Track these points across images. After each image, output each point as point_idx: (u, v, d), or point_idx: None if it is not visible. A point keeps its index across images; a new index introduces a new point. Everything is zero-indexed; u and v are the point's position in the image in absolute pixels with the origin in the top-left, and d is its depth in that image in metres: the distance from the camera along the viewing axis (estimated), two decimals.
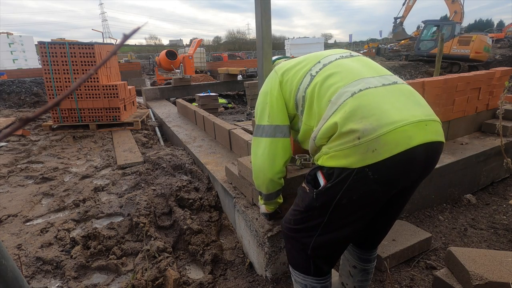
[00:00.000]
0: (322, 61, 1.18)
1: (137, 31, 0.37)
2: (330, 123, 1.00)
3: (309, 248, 1.14)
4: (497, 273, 1.38)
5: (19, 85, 8.03)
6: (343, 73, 1.09)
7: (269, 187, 1.38)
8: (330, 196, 1.02)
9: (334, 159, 0.99)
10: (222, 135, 3.43)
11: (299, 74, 1.21)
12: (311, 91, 1.13)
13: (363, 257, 1.35)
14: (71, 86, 0.42)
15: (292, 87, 1.22)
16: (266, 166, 1.30)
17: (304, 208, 1.12)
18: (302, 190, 1.15)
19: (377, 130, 0.90)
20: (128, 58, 22.12)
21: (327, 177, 1.03)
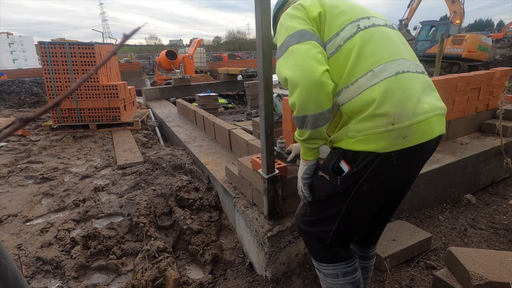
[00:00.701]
0: (372, 19, 1.06)
1: (137, 31, 0.37)
2: (368, 97, 0.94)
3: (328, 238, 1.13)
4: (497, 273, 1.38)
5: (19, 85, 8.03)
6: (390, 46, 1.01)
7: (318, 99, 0.98)
8: (354, 181, 1.01)
9: (363, 143, 0.96)
10: (222, 135, 3.43)
11: (344, 17, 1.05)
12: (351, 45, 1.00)
13: (363, 255, 1.36)
14: (71, 86, 0.42)
15: (333, 27, 1.04)
16: (308, 68, 0.97)
17: (325, 196, 1.09)
18: (320, 179, 1.10)
19: (411, 118, 0.92)
20: (128, 58, 22.11)
21: (351, 162, 1.00)
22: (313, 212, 1.15)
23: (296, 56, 1.00)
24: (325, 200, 1.11)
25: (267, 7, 1.33)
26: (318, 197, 1.13)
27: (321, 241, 1.15)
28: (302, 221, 1.20)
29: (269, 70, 1.45)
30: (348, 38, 1.01)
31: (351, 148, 0.99)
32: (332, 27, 1.04)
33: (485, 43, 13.06)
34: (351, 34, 1.01)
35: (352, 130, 0.98)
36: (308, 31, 1.03)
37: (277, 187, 1.68)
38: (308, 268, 1.82)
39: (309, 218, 1.16)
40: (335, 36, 1.03)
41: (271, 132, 1.53)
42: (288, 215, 1.81)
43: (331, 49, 1.03)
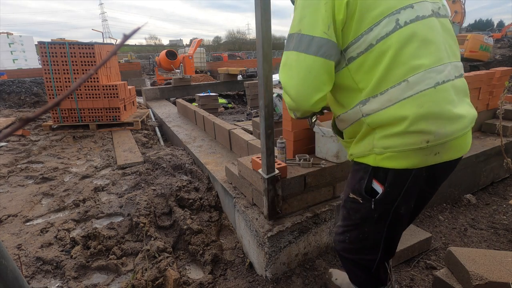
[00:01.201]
0: (416, 8, 0.85)
1: (137, 31, 0.37)
2: (398, 113, 0.82)
3: (374, 267, 1.05)
4: (497, 273, 1.38)
5: (19, 85, 8.03)
6: (432, 48, 0.84)
7: (305, 114, 1.03)
8: (389, 202, 0.92)
9: (392, 160, 0.87)
10: (222, 135, 3.43)
11: (380, 6, 0.84)
12: (385, 47, 0.83)
13: None
14: (71, 86, 0.42)
15: (365, 19, 0.85)
16: (306, 93, 0.90)
17: (360, 219, 0.99)
18: (352, 201, 0.99)
19: (448, 136, 0.84)
20: (128, 58, 22.10)
21: (382, 181, 0.91)
22: (353, 239, 1.04)
23: (298, 69, 0.90)
24: (361, 224, 1.00)
25: (267, 7, 1.33)
26: (354, 221, 1.02)
27: (367, 269, 1.07)
28: (342, 248, 1.09)
29: (269, 70, 1.45)
30: (382, 38, 0.83)
31: (379, 165, 0.90)
32: (364, 20, 0.84)
33: (486, 43, 13.09)
34: (386, 32, 0.83)
35: (379, 146, 0.88)
36: (320, 39, 0.86)
37: (277, 187, 1.68)
38: (308, 268, 1.82)
39: (349, 246, 1.06)
40: (367, 32, 0.84)
41: (271, 132, 1.53)
42: (288, 215, 1.81)
43: (359, 48, 0.86)
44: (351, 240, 1.04)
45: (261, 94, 1.47)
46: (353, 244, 1.04)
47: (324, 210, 1.87)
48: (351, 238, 1.04)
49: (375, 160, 0.90)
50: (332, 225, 1.93)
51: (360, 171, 0.96)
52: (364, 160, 0.94)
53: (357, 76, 0.89)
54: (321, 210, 1.86)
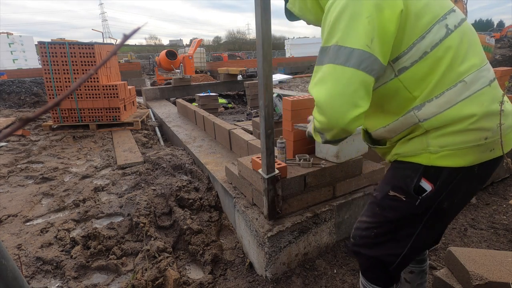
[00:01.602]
0: (457, 13, 0.87)
1: (137, 31, 0.37)
2: (464, 112, 0.81)
3: (395, 263, 1.01)
4: (497, 273, 1.38)
5: (19, 85, 8.03)
6: (478, 48, 0.87)
7: (339, 136, 0.94)
8: (435, 199, 0.91)
9: (449, 158, 0.85)
10: (222, 135, 3.43)
11: (428, 14, 0.84)
12: (441, 53, 0.83)
13: (420, 259, 1.27)
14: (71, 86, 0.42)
15: (416, 28, 0.83)
16: (343, 109, 0.84)
17: (399, 216, 0.96)
18: (392, 199, 0.96)
19: (504, 130, 0.85)
20: (128, 58, 22.11)
21: (433, 179, 0.89)
22: (379, 233, 1.01)
23: (335, 84, 0.84)
24: (396, 220, 0.97)
25: (267, 7, 1.33)
26: (387, 218, 0.99)
27: (385, 266, 1.03)
28: (363, 243, 1.05)
29: (269, 70, 1.46)
30: (436, 44, 0.83)
31: (434, 164, 0.87)
32: (416, 28, 0.83)
33: (488, 43, 13.08)
34: (440, 38, 0.83)
35: (434, 145, 0.87)
36: (362, 52, 0.81)
37: (277, 187, 1.68)
38: (308, 268, 1.82)
39: (373, 241, 1.02)
40: (419, 40, 0.83)
41: (271, 132, 1.53)
42: (288, 215, 1.81)
43: (412, 57, 0.84)
44: (377, 235, 1.01)
45: (261, 94, 1.47)
46: (379, 239, 1.01)
47: (324, 210, 1.87)
48: (378, 233, 1.01)
49: (429, 159, 0.88)
50: (332, 225, 1.93)
51: (406, 170, 0.94)
52: (414, 159, 0.91)
53: (411, 85, 0.87)
54: (321, 210, 1.86)
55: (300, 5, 1.12)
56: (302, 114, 2.02)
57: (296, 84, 10.36)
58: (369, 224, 1.03)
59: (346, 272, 1.80)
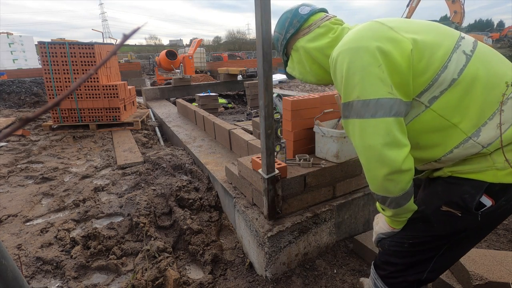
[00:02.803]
0: (467, 38, 0.92)
1: (137, 31, 0.37)
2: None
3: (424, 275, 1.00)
4: (497, 273, 1.38)
5: (19, 85, 8.03)
6: (504, 63, 0.89)
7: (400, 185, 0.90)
8: (493, 215, 0.90)
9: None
10: (222, 135, 3.43)
11: (442, 46, 0.87)
12: (471, 76, 0.84)
13: None
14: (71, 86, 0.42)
15: (433, 62, 0.86)
16: (386, 156, 0.86)
17: (448, 232, 0.94)
18: (446, 214, 0.93)
19: None
20: (128, 58, 22.12)
21: (495, 196, 0.87)
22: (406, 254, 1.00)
23: (370, 138, 0.86)
24: (442, 236, 0.96)
25: (267, 7, 1.33)
26: (432, 233, 0.97)
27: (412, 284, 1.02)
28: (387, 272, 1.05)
29: (269, 70, 1.46)
30: (462, 70, 0.85)
31: (500, 181, 0.86)
32: (433, 61, 0.86)
33: (486, 43, 13.20)
34: (463, 64, 0.85)
35: (501, 162, 0.85)
36: (387, 99, 0.84)
37: (277, 187, 1.68)
38: (308, 268, 1.82)
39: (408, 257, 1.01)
40: (442, 71, 0.85)
41: (271, 132, 1.53)
42: (288, 215, 1.81)
43: (440, 86, 0.86)
44: (414, 244, 0.99)
45: (261, 94, 1.47)
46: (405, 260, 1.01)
47: (324, 210, 1.87)
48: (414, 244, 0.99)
49: (495, 176, 0.86)
50: (332, 225, 1.93)
51: (464, 186, 0.91)
52: (477, 176, 0.88)
53: (446, 113, 0.87)
54: (321, 210, 1.86)
55: (299, 69, 1.16)
56: (302, 114, 2.02)
57: (296, 84, 10.36)
58: (407, 235, 1.00)
59: (346, 272, 1.80)
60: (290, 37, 1.17)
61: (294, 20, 1.15)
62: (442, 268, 1.03)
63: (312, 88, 9.23)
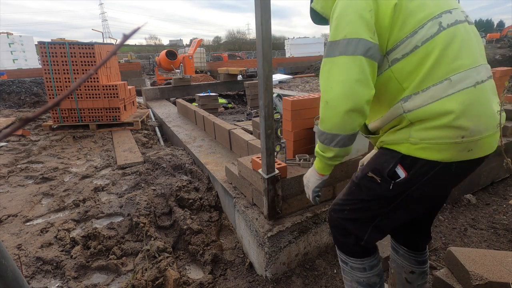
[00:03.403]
0: (454, 13, 0.93)
1: (137, 31, 0.37)
2: (442, 108, 0.87)
3: (365, 236, 1.11)
4: (497, 273, 1.38)
5: (19, 85, 8.03)
6: (471, 49, 0.91)
7: (355, 121, 0.97)
8: (407, 187, 0.98)
9: (426, 151, 0.91)
10: (222, 135, 3.43)
11: (423, 11, 0.91)
12: (430, 48, 0.88)
13: (421, 260, 1.31)
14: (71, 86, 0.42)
15: (408, 23, 0.90)
16: (359, 90, 0.92)
17: (372, 197, 1.05)
18: (369, 180, 1.03)
19: (482, 132, 0.89)
20: (128, 58, 22.12)
21: (408, 168, 0.95)
22: (353, 211, 1.11)
23: (345, 73, 0.92)
24: (370, 200, 1.06)
25: (267, 7, 1.33)
26: (361, 197, 1.08)
27: (358, 239, 1.12)
28: (336, 218, 1.16)
29: (269, 70, 1.46)
30: (427, 39, 0.89)
31: (411, 154, 0.94)
32: (408, 23, 0.90)
33: None
34: (431, 34, 0.89)
35: (415, 137, 0.92)
36: (368, 42, 0.90)
37: (277, 187, 1.68)
38: (308, 268, 1.82)
39: (347, 216, 1.12)
40: (412, 35, 0.90)
41: (271, 132, 1.53)
42: (288, 215, 1.81)
43: (404, 50, 0.91)
44: (352, 212, 1.10)
45: (261, 94, 1.47)
46: (352, 215, 1.11)
47: (324, 210, 1.87)
48: (353, 210, 1.10)
49: (408, 149, 0.94)
50: None
51: (386, 155, 1.01)
52: (395, 147, 0.98)
53: (400, 76, 0.93)
54: (321, 210, 1.86)
55: (321, 3, 1.19)
56: (302, 114, 2.02)
57: (296, 84, 10.36)
58: (346, 201, 1.13)
59: None
60: None
61: None
62: (384, 229, 1.12)
63: (312, 88, 9.23)
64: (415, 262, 1.30)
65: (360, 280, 1.18)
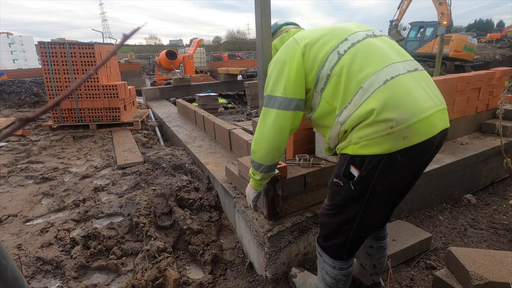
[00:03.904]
0: (349, 39, 1.14)
1: (137, 31, 0.37)
2: (366, 109, 1.01)
3: (348, 239, 1.22)
4: (497, 273, 1.38)
5: (19, 85, 8.03)
6: (373, 57, 1.08)
7: (274, 157, 1.31)
8: (366, 183, 1.08)
9: (366, 147, 1.03)
10: (222, 135, 3.43)
11: (325, 49, 1.14)
12: (338, 70, 1.09)
13: (378, 236, 1.46)
14: (71, 86, 0.42)
15: (316, 62, 1.15)
16: (276, 137, 1.24)
17: (343, 200, 1.17)
18: (335, 185, 1.18)
19: (409, 119, 0.98)
20: (128, 58, 22.12)
21: (359, 166, 1.07)
22: (334, 215, 1.23)
23: (271, 122, 1.22)
24: (343, 204, 1.18)
25: (267, 7, 1.33)
26: (338, 201, 1.20)
27: (343, 241, 1.24)
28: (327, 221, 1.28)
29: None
30: (333, 67, 1.10)
31: (356, 153, 1.06)
32: (317, 61, 1.15)
33: (470, 43, 13.74)
34: (334, 62, 1.10)
35: (355, 137, 1.06)
36: (285, 98, 1.18)
37: (277, 187, 1.68)
38: (308, 268, 1.82)
39: (333, 219, 1.25)
40: (321, 69, 1.13)
41: None
42: (288, 215, 1.81)
43: (322, 80, 1.14)
44: (334, 215, 1.23)
45: (261, 94, 1.47)
46: (335, 219, 1.24)
47: None
48: (335, 214, 1.23)
49: (353, 149, 1.08)
50: None
51: (341, 160, 1.17)
52: (345, 150, 1.13)
53: (330, 99, 1.14)
54: None
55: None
56: None
57: None
58: (328, 206, 1.26)
59: None
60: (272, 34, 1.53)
61: (274, 26, 1.57)
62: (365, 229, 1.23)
63: None
64: (373, 238, 1.46)
65: (328, 273, 1.34)
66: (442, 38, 6.20)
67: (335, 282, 1.34)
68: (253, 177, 1.44)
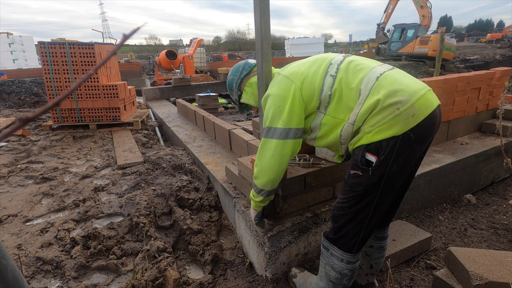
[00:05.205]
0: (333, 62, 1.32)
1: (137, 31, 0.37)
2: (371, 102, 1.14)
3: (363, 228, 1.27)
4: (497, 273, 1.38)
5: (19, 85, 8.03)
6: (359, 68, 1.26)
7: (274, 183, 1.43)
8: (384, 167, 1.16)
9: (380, 133, 1.13)
10: (222, 135, 3.43)
11: (318, 76, 1.30)
12: (338, 87, 1.25)
13: (380, 236, 1.49)
14: (71, 86, 0.42)
15: (315, 89, 1.30)
16: (276, 166, 1.36)
17: (364, 189, 1.21)
18: (353, 176, 1.23)
19: (410, 99, 1.11)
20: (128, 58, 22.12)
21: (376, 152, 1.16)
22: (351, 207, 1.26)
23: (271, 152, 1.34)
24: (362, 193, 1.22)
25: (266, 7, 1.33)
26: (356, 193, 1.24)
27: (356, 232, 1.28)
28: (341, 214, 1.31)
29: (269, 70, 1.45)
30: (331, 87, 1.26)
31: (372, 141, 1.16)
32: (315, 88, 1.29)
33: (448, 43, 14.03)
34: (332, 83, 1.26)
35: (367, 127, 1.17)
36: (284, 129, 1.31)
37: (277, 187, 1.68)
38: (308, 268, 1.82)
39: (347, 211, 1.29)
40: (321, 93, 1.28)
41: None
42: (288, 215, 1.81)
43: (325, 100, 1.28)
44: (350, 206, 1.27)
45: (261, 94, 1.47)
46: (352, 209, 1.27)
47: (324, 210, 1.87)
48: (350, 205, 1.27)
49: (367, 138, 1.17)
50: (332, 225, 1.93)
51: (356, 152, 1.24)
52: (360, 142, 1.21)
53: (335, 114, 1.27)
54: (321, 210, 1.86)
55: (253, 98, 1.66)
56: None
57: None
58: (343, 199, 1.29)
59: None
60: (244, 77, 1.65)
61: (246, 66, 1.67)
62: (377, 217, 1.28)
63: None
64: (374, 238, 1.49)
65: (335, 267, 1.35)
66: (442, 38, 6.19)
67: (339, 278, 1.35)
68: (253, 199, 1.53)
